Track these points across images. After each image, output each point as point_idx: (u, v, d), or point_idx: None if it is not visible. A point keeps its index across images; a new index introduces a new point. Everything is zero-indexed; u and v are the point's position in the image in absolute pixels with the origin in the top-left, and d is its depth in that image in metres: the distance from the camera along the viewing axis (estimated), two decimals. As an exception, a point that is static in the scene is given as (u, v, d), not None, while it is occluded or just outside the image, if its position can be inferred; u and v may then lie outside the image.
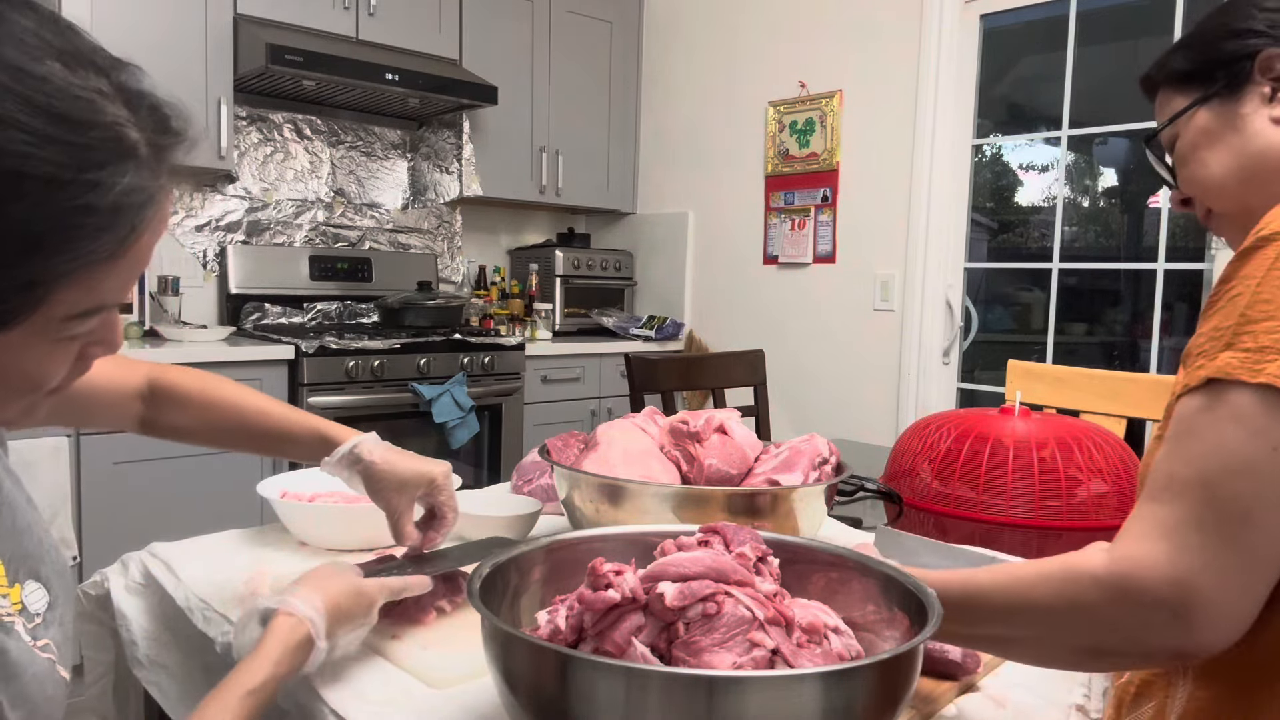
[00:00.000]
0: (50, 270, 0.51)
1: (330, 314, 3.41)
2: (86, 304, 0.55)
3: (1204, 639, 0.61)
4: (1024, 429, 1.49)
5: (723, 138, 3.68)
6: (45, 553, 0.72)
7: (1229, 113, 0.81)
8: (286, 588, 0.82)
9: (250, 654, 0.74)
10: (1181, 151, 0.86)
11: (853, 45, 3.23)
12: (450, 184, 3.50)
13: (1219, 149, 0.82)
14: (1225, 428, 0.62)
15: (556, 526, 1.28)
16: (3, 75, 0.48)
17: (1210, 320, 0.67)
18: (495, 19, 3.49)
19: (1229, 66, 0.81)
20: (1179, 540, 0.61)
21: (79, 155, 0.50)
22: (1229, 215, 0.84)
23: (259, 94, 3.19)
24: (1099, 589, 0.64)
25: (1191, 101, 0.84)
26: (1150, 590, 0.61)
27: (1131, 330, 2.95)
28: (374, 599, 0.85)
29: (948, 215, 3.04)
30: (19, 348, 0.55)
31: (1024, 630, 0.70)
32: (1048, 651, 0.71)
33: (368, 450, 0.99)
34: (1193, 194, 0.87)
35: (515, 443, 3.26)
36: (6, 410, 0.59)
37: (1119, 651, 0.66)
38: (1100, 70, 2.81)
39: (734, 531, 0.77)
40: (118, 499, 2.43)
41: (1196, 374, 0.65)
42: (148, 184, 0.54)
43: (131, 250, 0.55)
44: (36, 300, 0.52)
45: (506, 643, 0.65)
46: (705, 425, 1.20)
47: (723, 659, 0.65)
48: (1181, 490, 0.63)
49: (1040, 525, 1.42)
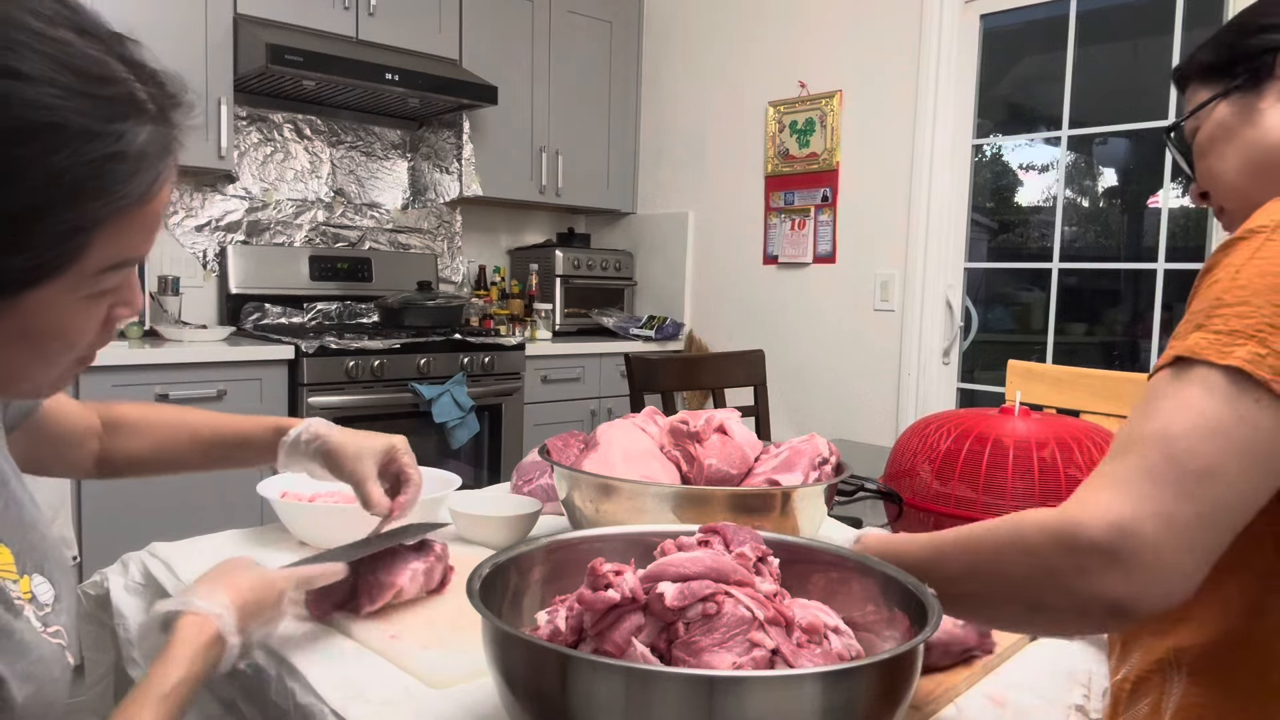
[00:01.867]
0: (89, 216, 0.56)
1: (330, 314, 3.41)
2: (116, 256, 0.60)
3: (1141, 589, 0.60)
4: (1024, 429, 1.49)
5: (723, 138, 3.68)
6: (49, 550, 0.73)
7: (1248, 107, 0.81)
8: (188, 587, 0.79)
9: (158, 658, 0.71)
10: (1200, 144, 0.86)
11: (853, 45, 3.23)
12: (450, 184, 3.50)
13: (1234, 143, 0.82)
14: (1191, 391, 0.63)
15: (556, 526, 1.28)
16: (29, 38, 0.53)
17: (1190, 307, 0.68)
18: (495, 19, 3.49)
19: (1251, 61, 0.81)
20: (1128, 489, 0.61)
21: (105, 108, 0.55)
22: (1240, 212, 0.84)
23: (259, 94, 3.19)
24: (1042, 533, 0.63)
25: (1214, 95, 0.84)
26: (1088, 532, 0.60)
27: (1131, 330, 2.95)
28: (281, 588, 0.83)
29: (948, 215, 3.04)
30: (54, 306, 0.59)
31: (977, 584, 0.70)
32: (997, 605, 0.70)
33: (323, 428, 1.03)
34: (1208, 188, 0.87)
35: (515, 443, 3.26)
36: (40, 376, 0.63)
37: (1057, 605, 0.64)
38: (1100, 70, 2.81)
39: (734, 531, 0.77)
40: (118, 499, 2.43)
41: (1168, 354, 0.66)
42: (163, 137, 0.59)
43: (155, 199, 0.60)
44: (77, 249, 0.57)
45: (506, 643, 0.65)
46: (705, 425, 1.20)
47: (723, 659, 0.65)
48: (1139, 445, 0.63)
49: (1040, 525, 1.42)
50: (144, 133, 0.57)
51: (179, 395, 2.52)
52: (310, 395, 2.75)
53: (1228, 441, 0.60)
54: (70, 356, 0.64)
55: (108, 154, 0.55)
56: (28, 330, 0.59)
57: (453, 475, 1.33)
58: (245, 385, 2.67)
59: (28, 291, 0.57)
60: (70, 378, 0.67)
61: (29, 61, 0.52)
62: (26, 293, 0.57)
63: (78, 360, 0.65)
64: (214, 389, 2.60)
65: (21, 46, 0.52)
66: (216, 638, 0.74)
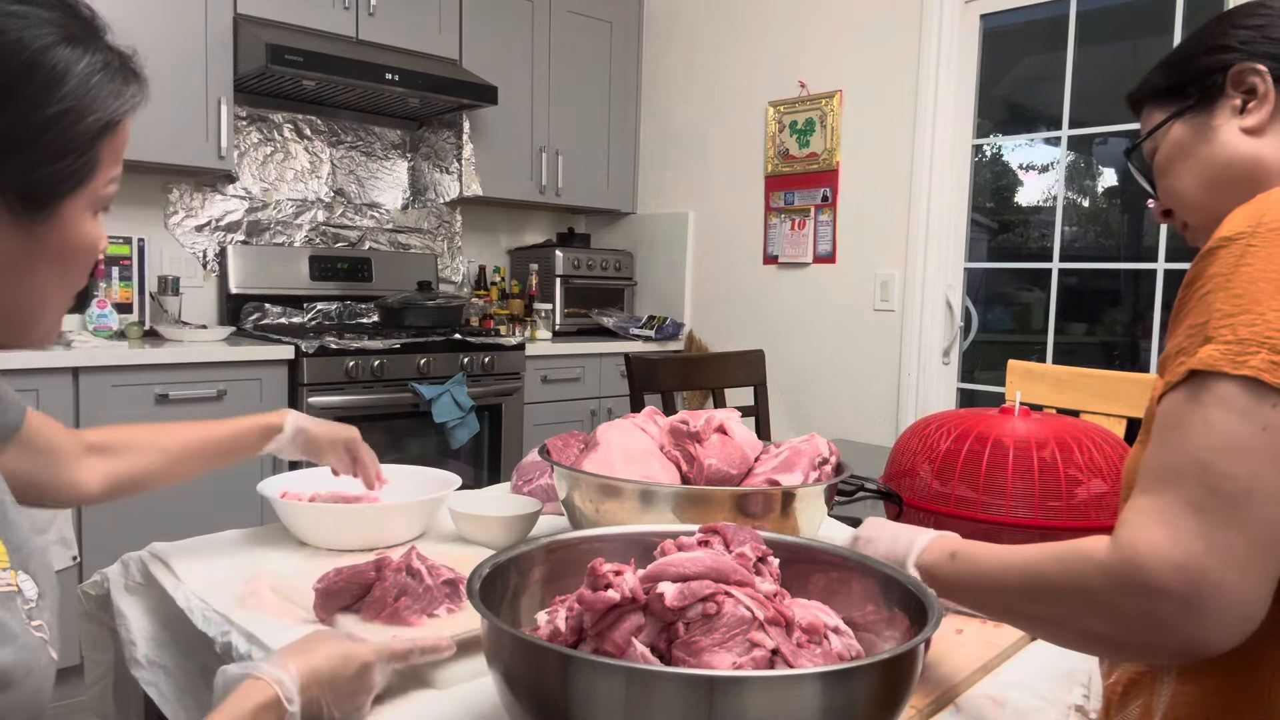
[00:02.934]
0: (106, 118, 0.67)
1: (330, 314, 3.41)
2: (112, 169, 0.70)
3: (1214, 630, 0.59)
4: (1024, 429, 1.49)
5: (723, 138, 3.68)
6: (33, 551, 0.74)
7: (1202, 125, 0.84)
8: (267, 655, 0.77)
9: (208, 715, 0.70)
10: (1159, 164, 0.89)
11: (853, 45, 3.23)
12: (450, 184, 3.50)
13: (1191, 161, 0.85)
14: (1212, 413, 0.62)
15: (556, 526, 1.28)
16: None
17: (1183, 321, 0.68)
18: (495, 19, 3.49)
19: (1202, 80, 0.84)
20: (1178, 526, 0.60)
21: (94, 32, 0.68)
22: (1204, 227, 0.86)
23: (259, 94, 3.19)
24: (1104, 576, 0.63)
25: (1168, 115, 0.87)
26: (1156, 578, 0.60)
27: (1131, 330, 2.95)
28: (364, 660, 0.79)
29: (948, 215, 3.04)
30: (79, 222, 0.69)
31: (1040, 609, 0.70)
32: (1060, 633, 0.70)
33: (305, 423, 1.22)
34: (1170, 205, 0.90)
35: (515, 443, 3.25)
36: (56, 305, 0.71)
37: (1125, 644, 0.65)
38: (1100, 70, 2.81)
39: (734, 531, 0.77)
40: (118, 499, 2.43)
41: (1178, 370, 0.65)
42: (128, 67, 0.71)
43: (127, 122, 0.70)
44: (96, 158, 0.67)
45: (506, 643, 0.65)
46: (705, 425, 1.20)
47: (723, 659, 0.65)
48: (1175, 478, 0.62)
49: (1040, 525, 1.42)
50: (115, 58, 0.69)
51: (179, 395, 2.52)
52: (310, 395, 2.75)
53: (1258, 456, 0.60)
54: (79, 280, 0.72)
55: (103, 65, 0.67)
56: (64, 246, 0.68)
57: (453, 475, 1.33)
58: (245, 385, 2.67)
59: (66, 201, 0.67)
60: (63, 319, 0.75)
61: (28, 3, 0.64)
62: (65, 202, 0.67)
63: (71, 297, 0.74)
64: (214, 389, 2.60)
65: None
66: (273, 702, 0.72)
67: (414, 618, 0.95)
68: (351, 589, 0.96)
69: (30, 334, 0.72)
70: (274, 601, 1.01)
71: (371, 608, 0.95)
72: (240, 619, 0.95)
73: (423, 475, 1.35)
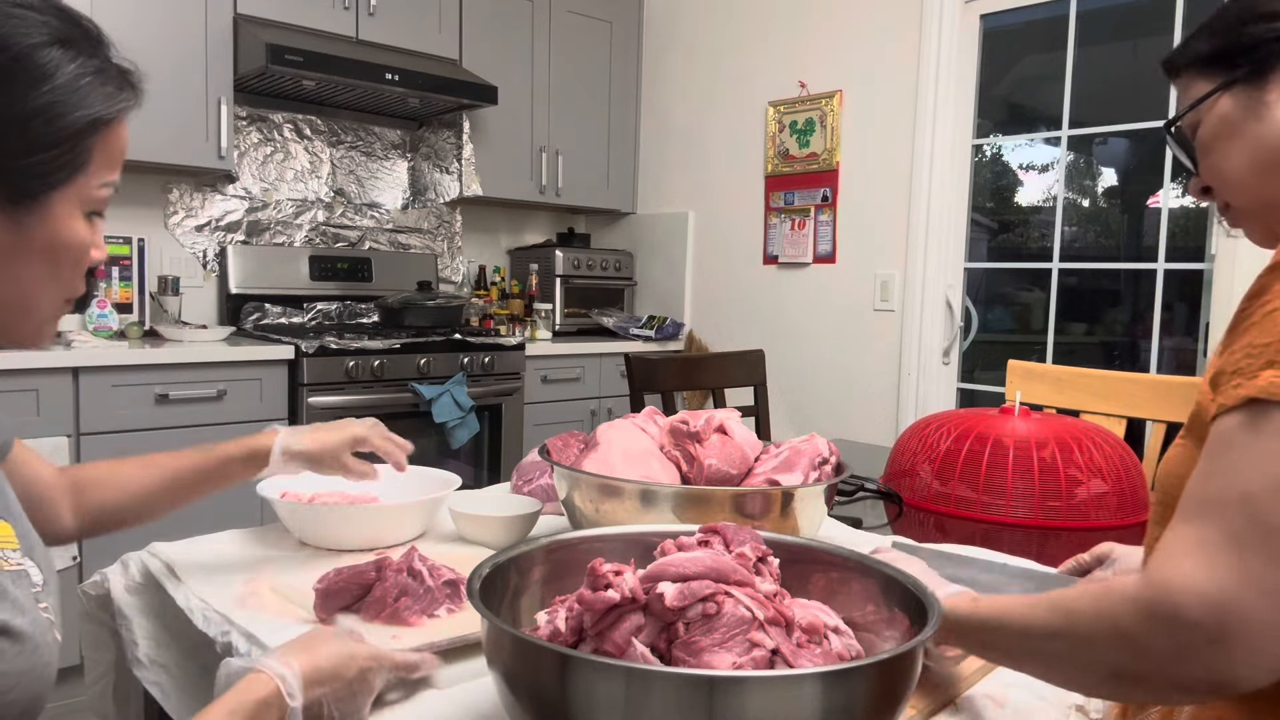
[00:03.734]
0: (93, 116, 0.69)
1: (330, 314, 3.41)
2: (107, 170, 0.73)
3: (1242, 667, 0.57)
4: (1024, 429, 1.49)
5: (723, 138, 3.68)
6: (36, 543, 0.78)
7: (1253, 101, 0.78)
8: (269, 650, 0.78)
9: (205, 708, 0.70)
10: (1203, 140, 0.82)
11: (853, 45, 3.23)
12: (450, 184, 3.50)
13: (1240, 139, 0.79)
14: (1268, 444, 0.59)
15: (556, 526, 1.28)
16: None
17: (1245, 335, 0.64)
18: (495, 19, 3.49)
19: (1254, 51, 0.77)
20: (1215, 557, 0.58)
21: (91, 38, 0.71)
22: (1247, 210, 0.81)
23: (259, 94, 3.19)
24: (1133, 606, 0.60)
25: (1214, 87, 0.80)
26: (1186, 610, 0.57)
27: (1131, 330, 2.95)
28: (363, 665, 0.78)
29: (948, 215, 3.04)
30: (68, 218, 0.71)
31: (1064, 645, 0.66)
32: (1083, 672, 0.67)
33: (292, 440, 1.12)
34: (1213, 184, 0.84)
35: (515, 443, 3.25)
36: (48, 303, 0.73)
37: (1151, 680, 0.61)
38: (1100, 70, 2.81)
39: (734, 531, 0.77)
40: (118, 499, 2.43)
41: (1235, 393, 0.62)
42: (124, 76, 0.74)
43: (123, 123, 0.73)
44: (85, 153, 0.70)
45: (506, 643, 0.65)
46: (705, 425, 1.20)
47: (723, 659, 0.65)
48: (1220, 509, 0.60)
49: (1040, 525, 1.42)
50: (113, 66, 0.73)
51: (179, 395, 2.52)
52: (310, 395, 2.75)
53: None
54: (71, 287, 0.74)
55: (97, 69, 0.70)
56: (51, 241, 0.70)
57: (453, 475, 1.33)
58: (245, 385, 2.67)
59: (54, 194, 0.69)
60: (57, 321, 0.77)
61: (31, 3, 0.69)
62: (52, 196, 0.69)
63: (66, 301, 0.75)
64: (214, 389, 2.60)
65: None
66: (274, 697, 0.72)
67: (414, 618, 0.95)
68: (352, 589, 0.96)
69: (18, 330, 0.74)
70: (274, 601, 1.01)
71: (371, 608, 0.95)
72: (240, 619, 0.95)
73: (423, 475, 1.35)
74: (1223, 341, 0.68)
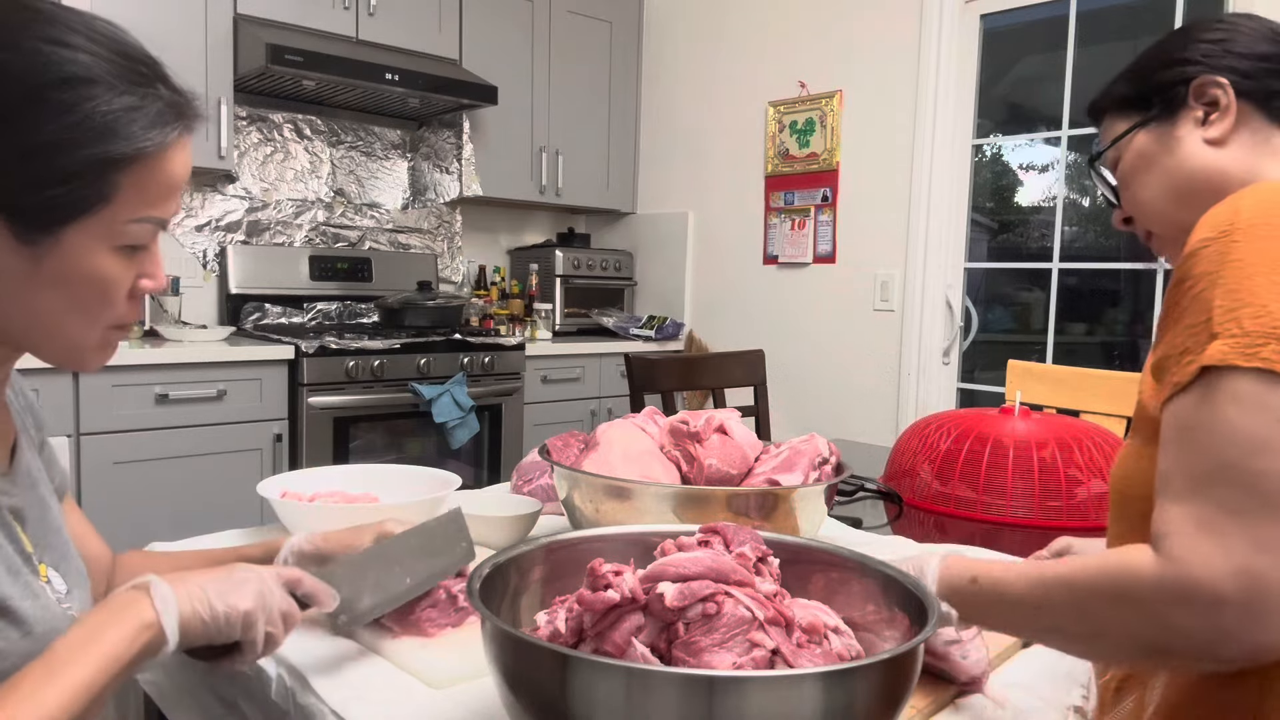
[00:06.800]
0: (115, 154, 0.68)
1: (330, 314, 3.41)
2: (141, 207, 0.70)
3: (1277, 633, 0.59)
4: (1024, 429, 1.49)
5: (723, 138, 3.68)
6: (69, 554, 0.80)
7: (1165, 136, 0.85)
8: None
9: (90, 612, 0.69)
10: (1123, 173, 0.90)
11: (853, 45, 3.23)
12: (450, 184, 3.50)
13: (1155, 171, 0.86)
14: (1228, 410, 0.62)
15: (556, 526, 1.28)
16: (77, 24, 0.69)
17: (1179, 321, 0.68)
18: (495, 19, 3.49)
19: (1165, 92, 0.85)
20: (1223, 532, 0.60)
21: (130, 76, 0.69)
22: (1168, 236, 0.88)
23: (259, 94, 3.19)
24: (1158, 592, 0.62)
25: (1132, 125, 0.88)
26: (1215, 589, 0.59)
27: (1131, 330, 2.95)
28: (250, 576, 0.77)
29: (948, 215, 3.04)
30: (89, 252, 0.69)
31: (1089, 625, 0.68)
32: (1110, 647, 0.69)
33: (304, 545, 0.99)
34: (1133, 214, 0.91)
35: (515, 443, 3.25)
36: (78, 332, 0.72)
37: (1183, 653, 0.63)
38: (1100, 70, 2.81)
39: (734, 531, 0.77)
40: (118, 499, 2.43)
41: (1187, 369, 0.65)
42: (177, 110, 0.72)
43: (170, 158, 0.71)
44: (107, 189, 0.68)
45: (506, 643, 0.65)
46: (705, 425, 1.20)
47: (723, 659, 0.65)
48: (1205, 483, 0.62)
49: (1040, 525, 1.42)
50: (160, 101, 0.71)
51: (179, 395, 2.52)
52: (310, 395, 2.75)
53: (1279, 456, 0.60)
54: (105, 317, 0.72)
55: (130, 106, 0.68)
56: (67, 274, 0.69)
57: (453, 475, 1.33)
58: (245, 385, 2.67)
59: (69, 227, 0.67)
60: (111, 348, 0.76)
61: (71, 36, 0.68)
62: (68, 229, 0.67)
63: (114, 327, 0.74)
64: (214, 389, 2.60)
65: (69, 30, 0.68)
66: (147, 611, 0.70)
67: (434, 629, 0.94)
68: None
69: (50, 352, 0.73)
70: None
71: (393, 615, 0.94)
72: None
73: (423, 475, 1.35)
74: (1157, 336, 0.71)
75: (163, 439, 2.51)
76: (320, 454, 2.77)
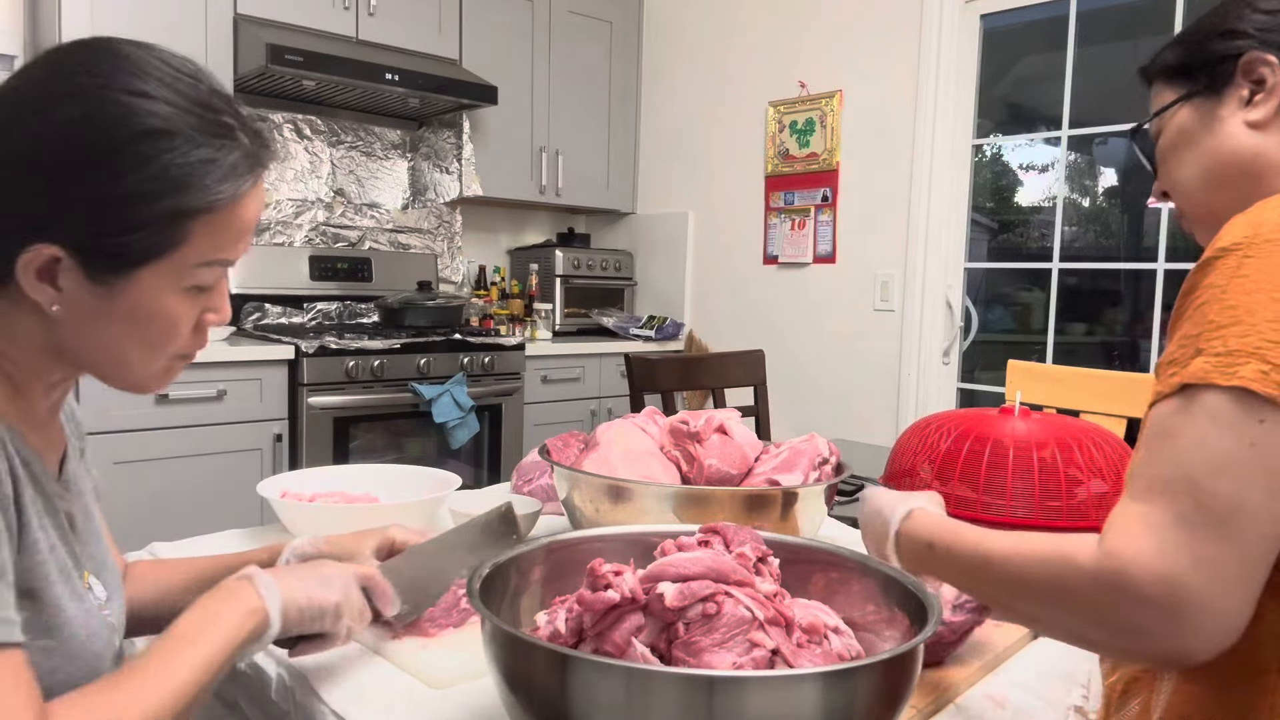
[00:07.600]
0: (189, 205, 0.70)
1: (330, 314, 3.41)
2: (212, 252, 0.73)
3: (1193, 641, 0.60)
4: (1024, 429, 1.49)
5: (723, 138, 3.68)
6: (109, 564, 0.84)
7: (1208, 114, 0.81)
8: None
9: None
10: (1162, 148, 0.86)
11: (853, 45, 3.22)
12: (450, 184, 3.50)
13: (1193, 150, 0.82)
14: (1201, 426, 0.62)
15: (556, 526, 1.28)
16: (157, 72, 0.71)
17: (1179, 330, 0.68)
18: (495, 19, 3.49)
19: (1213, 66, 0.80)
20: (1165, 536, 0.60)
21: (208, 128, 0.71)
22: (1197, 219, 0.85)
23: (259, 94, 3.19)
24: (1089, 580, 0.63)
25: (1176, 98, 0.84)
26: (1141, 586, 0.60)
27: (1131, 330, 2.95)
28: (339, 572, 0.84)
29: (948, 215, 3.04)
30: (159, 291, 0.72)
31: (1025, 606, 0.70)
32: (1046, 629, 0.71)
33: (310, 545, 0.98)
34: (1169, 190, 0.87)
35: (515, 443, 3.25)
36: (142, 362, 0.75)
37: (1111, 646, 0.66)
38: (1100, 70, 2.81)
39: (734, 531, 0.77)
40: (118, 499, 2.43)
41: (1170, 381, 0.65)
42: (251, 159, 0.74)
43: (244, 207, 0.74)
44: (180, 236, 0.71)
45: (506, 643, 0.65)
46: (705, 425, 1.20)
47: (723, 659, 0.65)
48: (1163, 489, 0.62)
49: (1040, 525, 1.42)
50: (236, 151, 0.73)
51: (179, 395, 2.53)
52: (310, 395, 2.75)
53: (1245, 473, 0.60)
54: (170, 349, 0.76)
55: (206, 159, 0.71)
56: (136, 310, 0.72)
57: (453, 475, 1.33)
58: (245, 385, 2.67)
59: (142, 269, 0.70)
60: (174, 373, 0.80)
61: (154, 86, 0.70)
62: (140, 270, 0.70)
63: (178, 356, 0.78)
64: (214, 389, 2.60)
65: (149, 78, 0.70)
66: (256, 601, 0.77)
67: (434, 629, 0.95)
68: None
69: (119, 380, 0.77)
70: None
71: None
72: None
73: (423, 475, 1.35)
74: (1166, 339, 0.71)
75: (163, 439, 2.51)
76: (320, 454, 2.77)
